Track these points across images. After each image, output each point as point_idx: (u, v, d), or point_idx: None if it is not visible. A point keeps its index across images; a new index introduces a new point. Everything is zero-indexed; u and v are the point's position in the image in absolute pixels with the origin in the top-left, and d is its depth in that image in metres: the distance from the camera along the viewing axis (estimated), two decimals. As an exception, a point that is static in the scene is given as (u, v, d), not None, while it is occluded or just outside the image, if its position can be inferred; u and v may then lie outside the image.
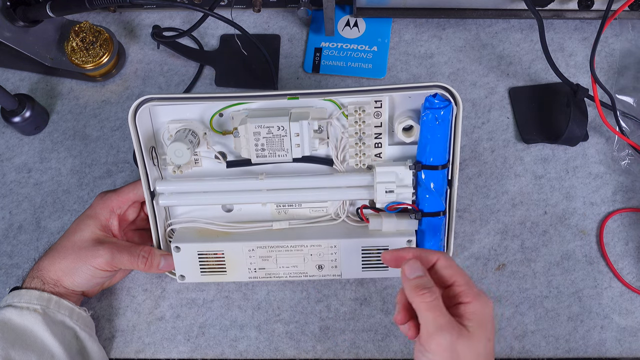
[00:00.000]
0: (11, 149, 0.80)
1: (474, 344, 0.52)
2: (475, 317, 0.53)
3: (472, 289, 0.55)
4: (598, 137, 0.78)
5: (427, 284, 0.54)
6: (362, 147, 0.66)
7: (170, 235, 0.70)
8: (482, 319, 0.54)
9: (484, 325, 0.54)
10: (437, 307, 0.53)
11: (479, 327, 0.53)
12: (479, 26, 0.84)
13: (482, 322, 0.53)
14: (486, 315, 0.54)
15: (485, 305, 0.54)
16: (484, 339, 0.53)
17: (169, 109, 0.66)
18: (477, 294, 0.54)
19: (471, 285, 0.55)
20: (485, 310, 0.54)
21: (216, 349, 0.71)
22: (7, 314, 0.63)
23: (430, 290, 0.53)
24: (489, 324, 0.54)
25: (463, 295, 0.54)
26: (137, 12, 0.86)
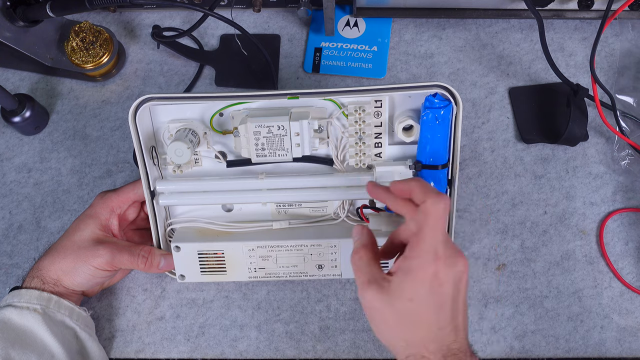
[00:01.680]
0: (11, 149, 0.80)
1: (390, 300, 0.51)
2: (402, 274, 0.51)
3: (420, 246, 0.51)
4: (598, 137, 0.78)
5: (358, 245, 0.55)
6: (362, 147, 0.66)
7: (170, 235, 0.70)
8: (410, 276, 0.51)
9: (410, 283, 0.51)
10: (360, 266, 0.54)
11: (401, 284, 0.51)
12: (479, 26, 0.84)
13: (408, 279, 0.51)
14: (417, 276, 0.50)
15: (421, 266, 0.50)
16: (403, 298, 0.51)
17: (169, 108, 0.66)
18: (424, 252, 0.51)
19: (424, 240, 0.51)
20: (418, 270, 0.50)
21: (216, 349, 0.71)
22: (7, 314, 0.63)
23: (357, 251, 0.55)
24: (419, 286, 0.50)
25: (409, 248, 0.52)
26: (137, 12, 0.86)
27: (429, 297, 0.50)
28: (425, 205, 0.52)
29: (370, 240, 0.57)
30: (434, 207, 0.51)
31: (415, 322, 0.51)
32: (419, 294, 0.51)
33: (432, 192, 0.52)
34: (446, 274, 0.51)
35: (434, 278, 0.50)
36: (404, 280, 0.51)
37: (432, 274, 0.50)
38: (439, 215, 0.51)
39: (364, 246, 0.55)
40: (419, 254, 0.51)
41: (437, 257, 0.50)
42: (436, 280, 0.50)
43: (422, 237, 0.51)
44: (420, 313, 0.51)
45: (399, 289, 0.51)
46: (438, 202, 0.51)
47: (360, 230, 0.57)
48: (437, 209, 0.51)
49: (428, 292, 0.50)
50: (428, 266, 0.50)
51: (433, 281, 0.50)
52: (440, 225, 0.51)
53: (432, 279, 0.50)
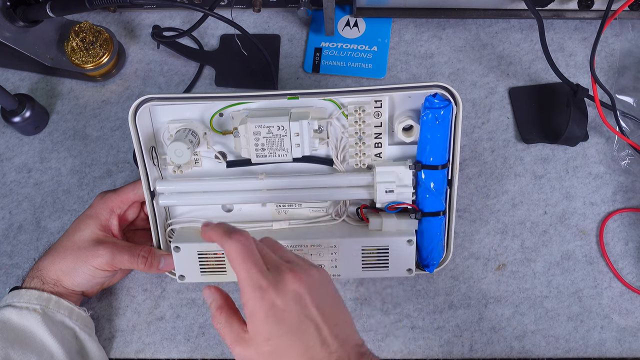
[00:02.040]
0: (11, 149, 0.80)
1: (254, 348, 0.50)
2: (249, 319, 0.50)
3: (244, 288, 0.50)
4: (598, 137, 0.78)
5: (213, 309, 0.54)
6: (362, 147, 0.66)
7: (170, 235, 0.70)
8: (254, 320, 0.50)
9: (258, 326, 0.50)
10: (222, 329, 0.53)
11: (253, 329, 0.50)
12: (479, 26, 0.84)
13: (254, 324, 0.50)
14: (256, 315, 0.50)
15: (254, 305, 0.50)
16: (261, 341, 0.50)
17: (169, 108, 0.66)
18: (248, 292, 0.50)
19: (243, 280, 0.50)
20: (255, 310, 0.50)
21: (216, 349, 0.71)
22: (7, 314, 0.63)
23: (214, 316, 0.54)
24: (264, 323, 0.49)
25: (241, 294, 0.51)
26: (137, 12, 0.86)
27: (280, 328, 0.49)
28: (226, 250, 0.51)
29: (222, 299, 0.55)
30: (229, 249, 0.51)
31: (284, 357, 0.50)
32: (271, 330, 0.49)
33: (224, 235, 0.52)
34: (283, 300, 0.49)
35: (273, 309, 0.49)
36: (253, 324, 0.50)
37: (268, 306, 0.49)
38: (237, 253, 0.51)
39: (219, 308, 0.54)
40: (247, 296, 0.50)
41: (260, 290, 0.49)
42: (276, 310, 0.49)
43: (241, 279, 0.50)
44: (283, 347, 0.50)
45: (255, 335, 0.50)
46: (229, 244, 0.51)
47: (211, 292, 0.55)
48: (230, 249, 0.51)
49: (277, 325, 0.49)
50: (261, 303, 0.49)
51: (275, 313, 0.49)
52: (250, 260, 0.50)
53: (272, 311, 0.49)
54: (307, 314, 0.50)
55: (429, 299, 0.72)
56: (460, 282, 0.73)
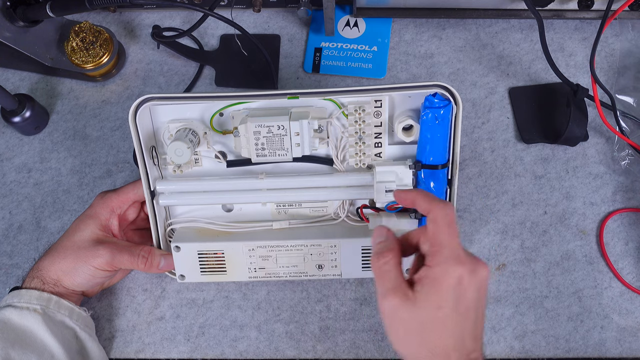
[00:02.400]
0: (11, 149, 0.80)
1: (417, 310, 0.50)
2: (428, 282, 0.50)
3: (442, 253, 0.50)
4: (598, 137, 0.78)
5: (383, 249, 0.53)
6: (362, 147, 0.66)
7: (170, 235, 0.70)
8: (435, 285, 0.50)
9: (436, 292, 0.50)
10: (385, 272, 0.52)
11: (428, 293, 0.50)
12: (479, 26, 0.84)
13: (434, 288, 0.50)
14: (443, 283, 0.49)
15: (446, 273, 0.49)
16: (431, 307, 0.50)
17: (169, 108, 0.66)
18: (446, 259, 0.50)
19: (445, 248, 0.50)
20: (443, 277, 0.49)
21: (216, 349, 0.71)
22: (7, 314, 0.63)
23: (380, 255, 0.53)
24: (445, 293, 0.49)
25: (430, 256, 0.51)
26: (137, 12, 0.86)
27: (455, 304, 0.49)
28: (433, 214, 0.51)
29: (396, 244, 0.54)
30: (442, 214, 0.51)
31: (441, 330, 0.50)
32: (446, 302, 0.49)
33: (436, 200, 0.52)
34: (469, 280, 0.50)
35: (459, 285, 0.49)
36: (431, 288, 0.50)
37: (457, 281, 0.49)
38: (450, 221, 0.51)
39: (390, 250, 0.53)
40: (440, 261, 0.50)
41: (459, 263, 0.50)
42: (461, 287, 0.49)
43: (441, 244, 0.50)
44: (447, 321, 0.50)
45: (426, 299, 0.50)
46: (445, 209, 0.51)
47: (385, 233, 0.55)
48: (445, 215, 0.51)
49: (454, 299, 0.49)
50: (453, 272, 0.49)
51: (458, 288, 0.49)
52: (455, 232, 0.51)
53: (457, 286, 0.49)
54: (478, 306, 0.51)
55: (429, 299, 0.72)
56: (460, 282, 0.73)
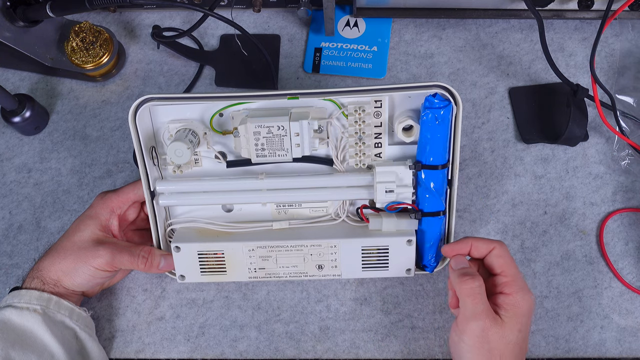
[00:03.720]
0: (11, 149, 0.80)
1: (506, 333, 0.57)
2: (512, 308, 0.58)
3: (516, 282, 0.59)
4: (598, 137, 0.78)
5: (469, 272, 0.59)
6: (362, 147, 0.66)
7: (170, 235, 0.70)
8: (518, 311, 0.58)
9: (519, 317, 0.58)
10: (477, 294, 0.58)
11: (513, 318, 0.57)
12: (479, 26, 0.84)
13: (517, 314, 0.58)
14: (523, 309, 0.58)
15: (524, 300, 0.58)
16: (515, 330, 0.57)
17: (169, 108, 0.66)
18: (520, 288, 0.59)
19: (517, 278, 0.59)
20: (522, 304, 0.58)
21: (216, 349, 0.71)
22: (7, 314, 0.63)
23: (473, 278, 0.59)
24: (524, 318, 0.58)
25: (506, 286, 0.59)
26: (137, 12, 0.86)
27: (528, 327, 0.59)
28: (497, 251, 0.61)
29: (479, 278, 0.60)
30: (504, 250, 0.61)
31: (519, 351, 0.58)
32: (525, 325, 0.58)
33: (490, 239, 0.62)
34: (531, 305, 0.59)
35: (530, 310, 0.59)
36: (514, 314, 0.58)
37: (530, 307, 0.59)
38: (510, 255, 0.61)
39: (478, 276, 0.59)
40: (517, 289, 0.59)
41: (529, 292, 0.59)
42: (531, 312, 0.59)
43: (515, 275, 0.59)
44: (523, 343, 0.59)
45: (511, 322, 0.57)
46: (503, 245, 0.61)
47: (466, 261, 0.62)
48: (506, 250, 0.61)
49: (527, 323, 0.59)
50: (527, 300, 0.58)
51: (530, 313, 0.59)
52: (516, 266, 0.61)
53: (530, 311, 0.59)
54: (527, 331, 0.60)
55: (429, 299, 0.72)
56: (460, 282, 0.73)
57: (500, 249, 0.61)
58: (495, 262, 0.60)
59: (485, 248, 0.61)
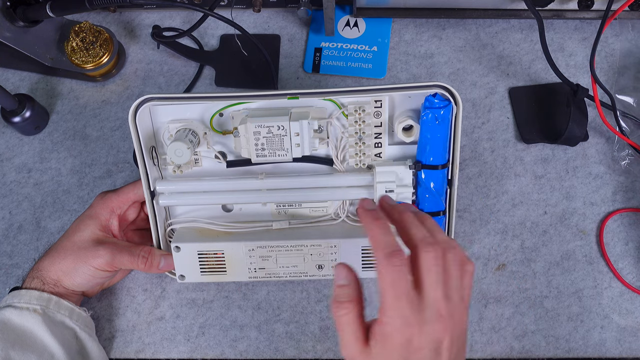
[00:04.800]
0: (11, 149, 0.80)
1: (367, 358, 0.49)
2: (379, 338, 0.49)
3: (387, 309, 0.48)
4: (598, 137, 0.78)
5: (343, 297, 0.51)
6: (362, 147, 0.66)
7: (170, 235, 0.70)
8: (385, 343, 0.49)
9: (385, 350, 0.49)
10: (345, 324, 0.50)
11: (380, 350, 0.49)
12: (479, 26, 0.84)
13: (384, 346, 0.49)
14: (392, 342, 0.48)
15: (394, 332, 0.48)
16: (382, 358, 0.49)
17: (169, 108, 0.66)
18: (391, 319, 0.48)
19: (390, 308, 0.48)
20: (392, 337, 0.48)
21: (216, 349, 0.71)
22: (7, 314, 0.63)
23: (342, 306, 0.51)
24: (396, 352, 0.48)
25: (380, 312, 0.49)
26: (137, 12, 0.86)
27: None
28: (380, 267, 0.49)
29: (358, 293, 0.52)
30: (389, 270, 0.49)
31: None
32: (394, 357, 0.48)
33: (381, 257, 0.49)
34: (420, 340, 0.48)
35: (409, 345, 0.48)
36: (382, 346, 0.49)
37: (405, 341, 0.48)
38: (394, 281, 0.48)
39: (350, 300, 0.51)
40: (387, 319, 0.49)
41: (406, 325, 0.48)
42: (411, 347, 0.48)
43: (386, 304, 0.49)
44: None
45: (378, 356, 0.49)
46: (390, 265, 0.49)
47: (346, 275, 0.53)
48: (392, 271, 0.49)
49: (403, 358, 0.48)
50: (399, 334, 0.48)
51: (408, 347, 0.48)
52: (400, 291, 0.48)
53: (407, 346, 0.48)
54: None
55: (429, 299, 0.72)
56: (460, 282, 0.73)
57: (383, 267, 0.49)
58: (379, 282, 0.49)
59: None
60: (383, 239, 0.51)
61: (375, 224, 0.52)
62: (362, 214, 0.53)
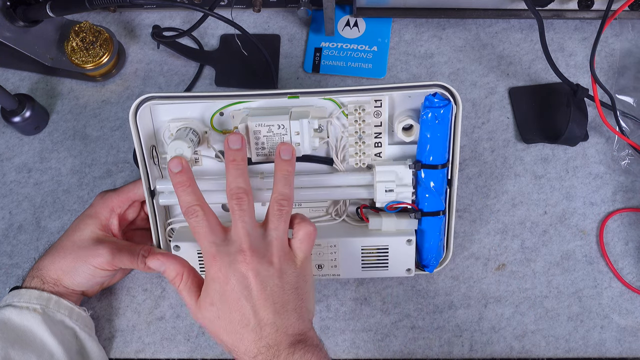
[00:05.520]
0: (11, 149, 0.80)
1: (201, 311, 0.56)
2: (203, 285, 0.57)
3: (203, 253, 0.56)
4: (598, 137, 0.78)
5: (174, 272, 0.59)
6: (362, 147, 0.66)
7: (170, 234, 0.70)
8: (205, 285, 0.56)
9: (206, 290, 0.56)
10: (182, 290, 0.58)
11: (204, 294, 0.56)
12: (479, 26, 0.84)
13: (205, 288, 0.56)
14: (207, 281, 0.56)
15: (207, 273, 0.56)
16: (206, 305, 0.56)
17: (169, 107, 0.66)
18: (205, 256, 0.56)
19: (203, 248, 0.56)
20: (207, 276, 0.56)
21: (216, 349, 0.71)
22: (7, 314, 0.63)
23: (175, 280, 0.58)
24: (212, 291, 0.55)
25: None
26: (137, 12, 0.86)
27: (220, 298, 0.55)
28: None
29: (181, 265, 0.59)
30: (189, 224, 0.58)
31: (221, 325, 0.55)
32: (213, 297, 0.55)
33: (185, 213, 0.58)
34: (226, 272, 0.55)
35: (218, 278, 0.55)
36: (204, 290, 0.56)
37: (214, 275, 0.55)
38: (195, 227, 0.57)
39: (179, 275, 0.58)
40: (204, 262, 0.56)
41: (210, 259, 0.55)
42: (220, 280, 0.55)
43: (201, 248, 0.57)
44: (221, 316, 0.55)
45: (203, 299, 0.56)
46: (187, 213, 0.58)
47: (164, 260, 0.59)
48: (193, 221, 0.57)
49: (219, 293, 0.55)
50: (208, 270, 0.55)
51: (219, 281, 0.55)
52: (203, 233, 0.57)
53: (217, 279, 0.55)
54: (247, 296, 0.54)
55: (429, 299, 0.72)
56: (460, 282, 0.73)
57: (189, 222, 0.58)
58: None
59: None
60: (183, 199, 0.58)
61: (178, 186, 0.59)
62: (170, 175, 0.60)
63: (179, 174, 0.58)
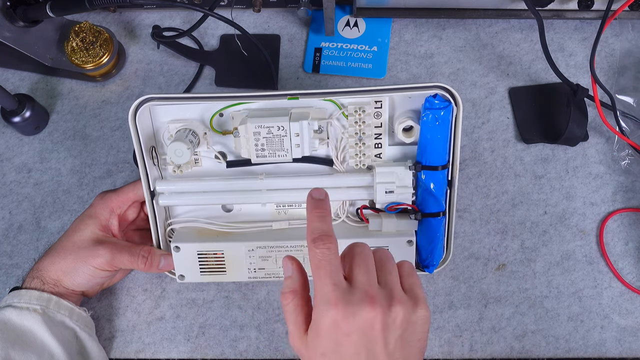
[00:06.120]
0: (11, 149, 0.80)
1: (309, 355, 0.49)
2: (313, 326, 0.49)
3: (316, 297, 0.49)
4: (598, 137, 0.78)
5: (286, 288, 0.51)
6: (362, 148, 0.66)
7: (170, 235, 0.70)
8: (317, 330, 0.48)
9: (318, 337, 0.48)
10: (288, 313, 0.51)
11: (314, 337, 0.49)
12: (479, 26, 0.84)
13: (316, 333, 0.48)
14: (321, 327, 0.48)
15: (321, 317, 0.48)
16: (316, 352, 0.48)
17: (169, 108, 0.66)
18: (318, 302, 0.48)
19: (317, 291, 0.49)
20: (321, 322, 0.48)
21: (216, 349, 0.71)
22: (7, 314, 0.63)
23: (285, 296, 0.51)
24: (325, 338, 0.48)
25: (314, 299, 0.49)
26: (137, 12, 0.86)
27: (336, 349, 0.47)
28: (310, 254, 0.50)
29: (300, 283, 0.52)
30: (311, 254, 0.49)
31: None
32: (327, 347, 0.48)
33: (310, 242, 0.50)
34: (348, 323, 0.47)
35: (336, 329, 0.47)
36: (314, 333, 0.49)
37: (331, 325, 0.47)
38: (318, 263, 0.49)
39: (292, 291, 0.51)
40: (316, 305, 0.48)
41: (330, 306, 0.47)
42: (339, 331, 0.47)
43: (315, 288, 0.49)
44: None
45: (312, 344, 0.49)
46: (312, 249, 0.49)
47: (290, 267, 0.52)
48: (313, 256, 0.49)
49: (334, 344, 0.47)
50: (325, 317, 0.47)
51: (336, 332, 0.47)
52: (325, 274, 0.48)
53: (335, 331, 0.47)
54: (371, 348, 0.47)
55: (429, 299, 0.72)
56: (460, 282, 0.73)
57: (310, 252, 0.49)
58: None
59: None
60: (312, 225, 0.51)
61: (313, 212, 0.52)
62: (308, 202, 0.53)
63: (321, 202, 0.52)
